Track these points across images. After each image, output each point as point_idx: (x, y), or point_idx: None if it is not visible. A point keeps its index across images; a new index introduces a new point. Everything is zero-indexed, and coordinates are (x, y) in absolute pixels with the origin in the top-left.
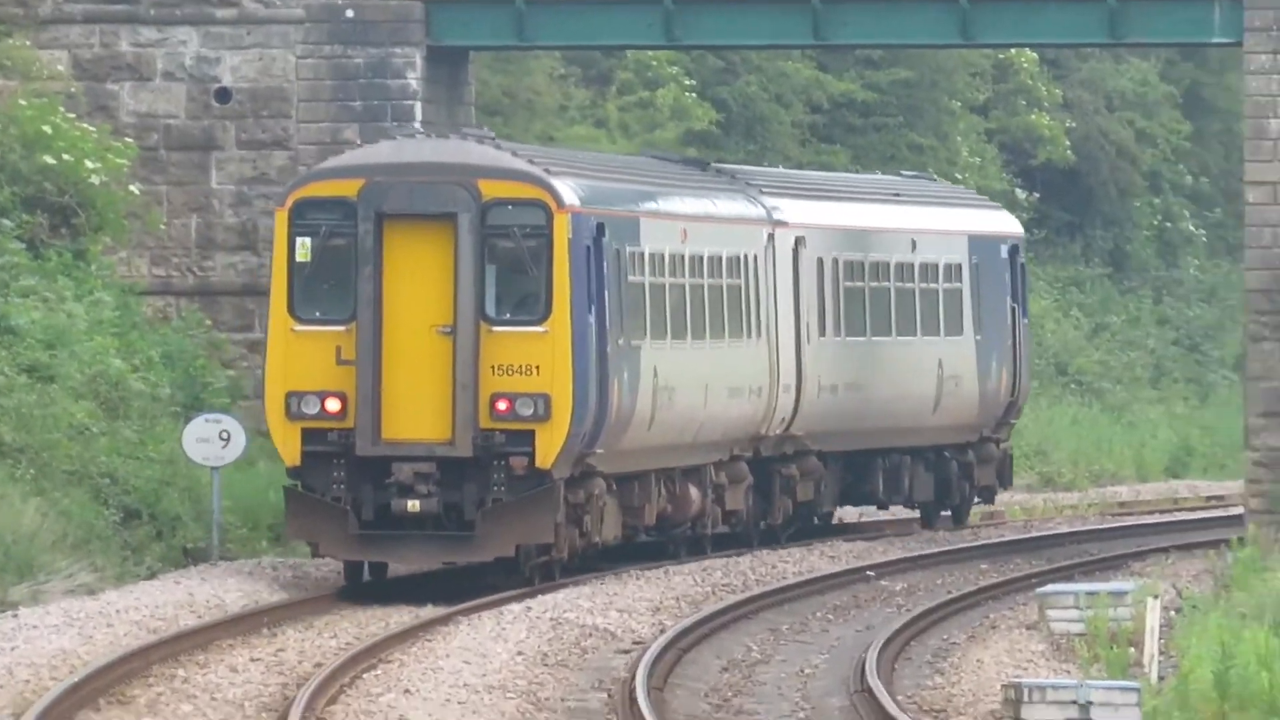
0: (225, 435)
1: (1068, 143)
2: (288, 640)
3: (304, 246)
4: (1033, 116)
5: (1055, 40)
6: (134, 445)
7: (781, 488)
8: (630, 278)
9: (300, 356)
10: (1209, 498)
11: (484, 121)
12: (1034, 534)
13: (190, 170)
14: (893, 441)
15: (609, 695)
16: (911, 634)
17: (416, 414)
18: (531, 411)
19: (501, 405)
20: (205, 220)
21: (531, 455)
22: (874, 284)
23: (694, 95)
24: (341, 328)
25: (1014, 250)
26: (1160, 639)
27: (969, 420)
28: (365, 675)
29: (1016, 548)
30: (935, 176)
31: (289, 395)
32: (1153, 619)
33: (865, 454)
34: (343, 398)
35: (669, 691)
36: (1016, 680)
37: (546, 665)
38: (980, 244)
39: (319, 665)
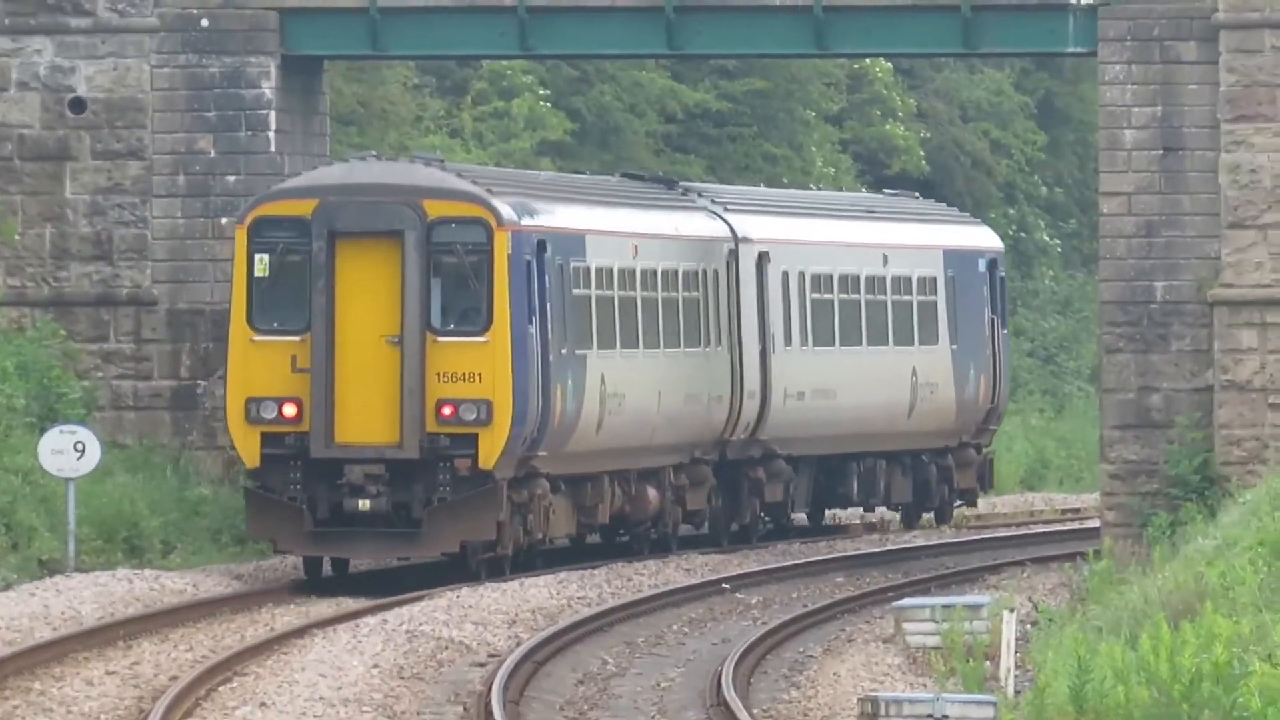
0: (80, 447)
1: (922, 153)
2: (143, 653)
3: (262, 262)
4: (887, 127)
5: (909, 50)
6: None
7: (749, 489)
8: (575, 290)
9: (259, 364)
10: (1064, 510)
11: (338, 132)
12: (890, 547)
13: (45, 180)
14: (867, 446)
15: (465, 709)
16: (768, 647)
17: (367, 418)
18: (474, 416)
19: (446, 410)
20: (60, 230)
21: (475, 457)
22: (843, 296)
23: (549, 105)
24: (297, 338)
25: (992, 264)
26: (1016, 652)
27: (946, 426)
28: (221, 688)
29: (873, 560)
30: (917, 195)
31: (248, 400)
32: (1008, 632)
33: (840, 458)
34: (298, 403)
35: (525, 705)
36: (873, 694)
37: (402, 678)
38: (957, 258)
39: (174, 678)
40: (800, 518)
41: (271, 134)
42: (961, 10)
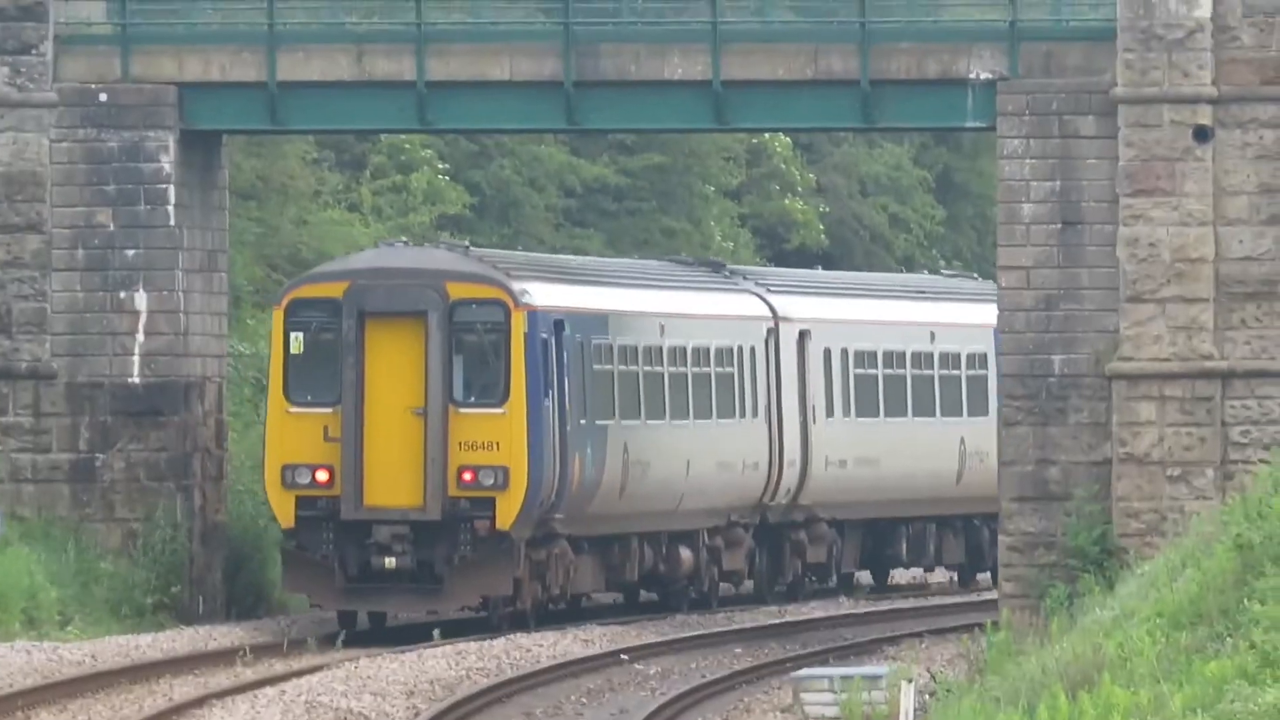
0: None
1: (821, 227)
2: None
3: (297, 340)
4: (786, 201)
5: (808, 124)
6: None
7: (792, 550)
8: (596, 366)
9: (294, 434)
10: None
11: (238, 205)
12: (788, 618)
13: None
14: (915, 511)
15: None
16: (666, 717)
17: (393, 483)
18: (493, 481)
19: (467, 476)
20: None
21: (493, 519)
22: (888, 371)
23: (447, 179)
24: (329, 409)
25: None
26: None
27: (995, 491)
28: None
29: (771, 632)
30: (976, 275)
31: (284, 467)
32: (907, 703)
33: (889, 521)
34: (330, 469)
35: None
36: None
37: None
38: None
39: None
40: (864, 576)
41: (171, 207)
42: (860, 85)
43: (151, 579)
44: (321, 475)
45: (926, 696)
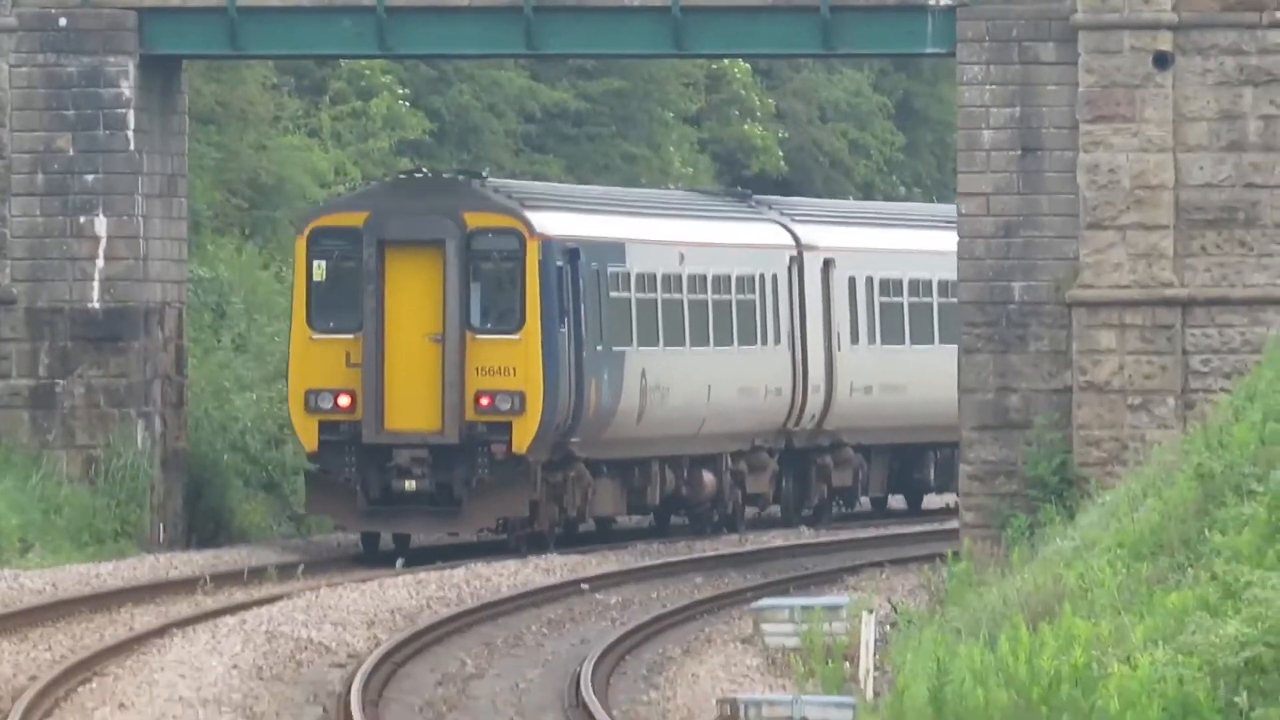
0: None
1: (781, 153)
2: (2, 653)
3: (319, 268)
4: (746, 127)
5: (768, 51)
6: None
7: (818, 475)
8: (613, 294)
9: (316, 360)
10: (924, 511)
11: (197, 130)
12: (749, 548)
13: None
14: (942, 436)
15: (324, 709)
16: (626, 648)
17: (413, 408)
18: (509, 406)
19: (484, 401)
20: None
21: (509, 442)
22: (914, 299)
23: (407, 105)
24: (350, 336)
25: None
26: (875, 654)
27: None
28: (80, 689)
29: (731, 561)
30: None
31: (307, 393)
32: (867, 634)
33: (917, 447)
34: (352, 394)
35: (384, 706)
36: (732, 695)
37: (261, 679)
38: None
39: (34, 678)
40: (897, 501)
41: (130, 133)
42: (820, 11)
43: (112, 506)
44: (344, 400)
45: (887, 627)
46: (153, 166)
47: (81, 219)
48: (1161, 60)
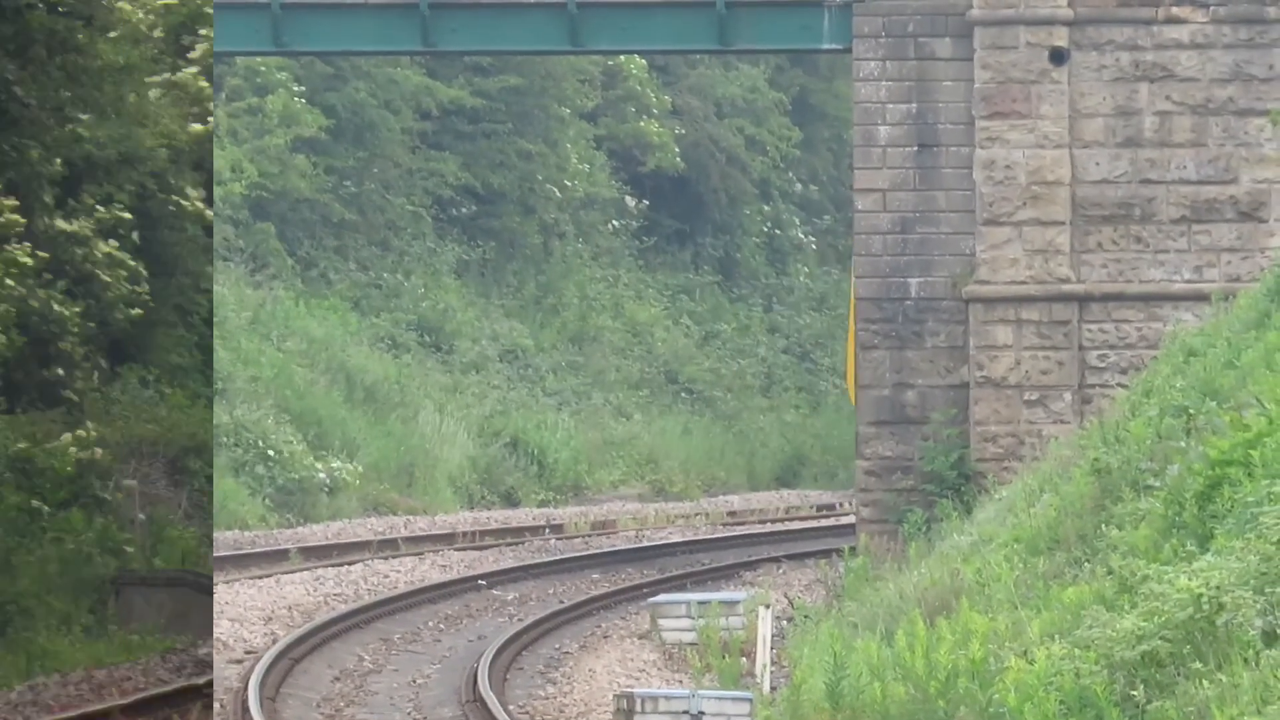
0: None
1: (677, 150)
2: None
3: None
4: (642, 123)
5: (664, 46)
6: None
7: None
8: None
9: None
10: (820, 507)
11: None
12: (646, 544)
13: None
14: None
15: (221, 705)
16: (524, 643)
17: None
18: None
19: None
20: None
21: None
22: None
23: (303, 102)
24: None
25: None
26: (772, 649)
27: None
28: None
29: (628, 557)
30: None
31: None
32: (764, 629)
33: None
34: None
35: (281, 702)
36: (629, 690)
37: None
38: None
39: None
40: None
41: None
42: (716, 7)
43: None
44: None
45: (784, 622)
46: None
47: None
48: (1057, 56)
